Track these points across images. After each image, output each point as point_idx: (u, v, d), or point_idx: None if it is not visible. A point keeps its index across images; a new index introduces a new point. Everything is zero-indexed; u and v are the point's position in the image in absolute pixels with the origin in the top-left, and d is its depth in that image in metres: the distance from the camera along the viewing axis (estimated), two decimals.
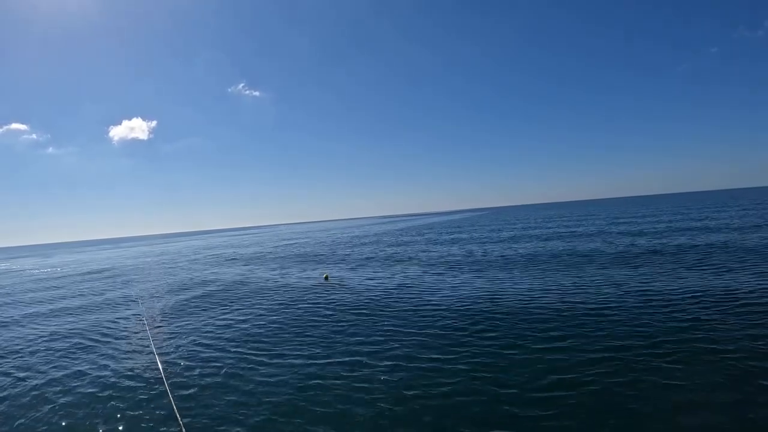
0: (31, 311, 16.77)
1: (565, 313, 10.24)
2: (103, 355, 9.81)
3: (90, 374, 8.53)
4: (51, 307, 17.34)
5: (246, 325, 11.54)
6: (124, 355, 9.61)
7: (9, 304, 19.45)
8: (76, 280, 27.45)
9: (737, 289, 11.21)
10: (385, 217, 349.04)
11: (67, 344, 11.01)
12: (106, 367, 8.89)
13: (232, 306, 14.41)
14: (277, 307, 13.66)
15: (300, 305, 13.60)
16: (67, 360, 9.64)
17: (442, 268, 19.52)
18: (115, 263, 41.20)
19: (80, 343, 11.01)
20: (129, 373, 8.37)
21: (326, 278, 18.67)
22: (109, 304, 16.72)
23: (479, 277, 16.41)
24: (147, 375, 8.16)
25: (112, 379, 8.11)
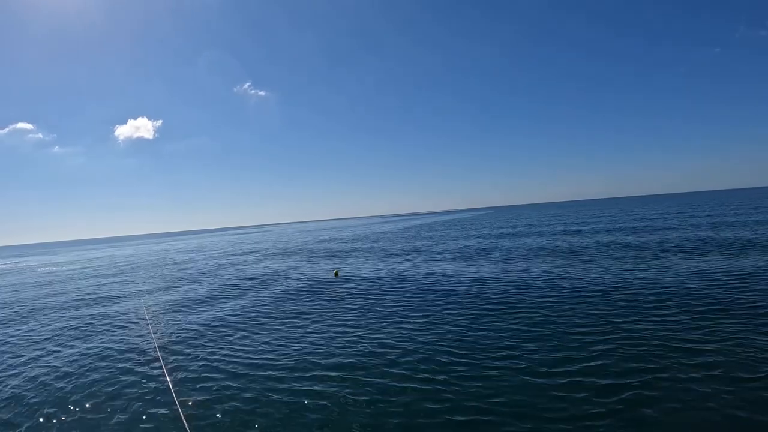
0: (34, 309, 16.77)
1: (572, 316, 10.33)
2: (105, 354, 9.77)
3: (92, 374, 8.48)
4: (54, 305, 17.28)
5: (254, 323, 11.54)
6: (127, 356, 9.51)
7: (13, 302, 19.59)
8: (80, 279, 27.59)
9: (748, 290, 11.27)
10: (389, 216, 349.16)
11: (69, 344, 10.92)
12: (108, 366, 8.83)
13: (240, 304, 14.43)
14: (287, 304, 13.72)
15: (310, 302, 13.68)
16: (68, 360, 9.55)
17: (448, 265, 19.64)
18: (120, 261, 41.46)
19: (82, 342, 10.97)
20: (132, 373, 8.31)
21: (336, 275, 18.83)
22: (111, 304, 16.55)
23: (484, 277, 16.48)
24: (151, 375, 8.11)
25: (115, 379, 8.04)
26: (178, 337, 10.75)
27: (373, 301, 13.19)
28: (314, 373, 7.62)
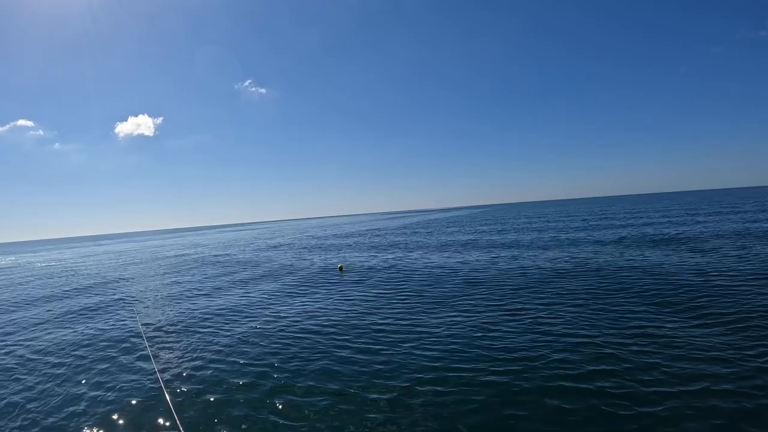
0: (31, 308, 16.82)
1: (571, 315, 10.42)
2: (98, 354, 9.55)
3: (84, 374, 8.33)
4: (51, 304, 17.17)
5: (257, 320, 11.50)
6: (119, 356, 9.28)
7: (11, 300, 19.61)
8: (77, 276, 27.66)
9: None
10: (390, 213, 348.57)
11: (61, 343, 10.76)
12: (101, 368, 8.67)
13: (243, 299, 14.49)
14: (294, 298, 13.82)
15: (316, 297, 13.75)
16: (60, 360, 9.38)
17: (452, 263, 19.78)
18: (120, 259, 41.50)
19: (74, 341, 10.84)
20: (126, 374, 8.13)
21: (341, 269, 18.95)
22: (106, 302, 16.32)
23: (488, 275, 16.60)
24: (143, 374, 8.01)
25: (107, 379, 7.92)
26: (168, 330, 10.84)
27: (375, 296, 13.28)
28: (313, 369, 7.66)
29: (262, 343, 9.19)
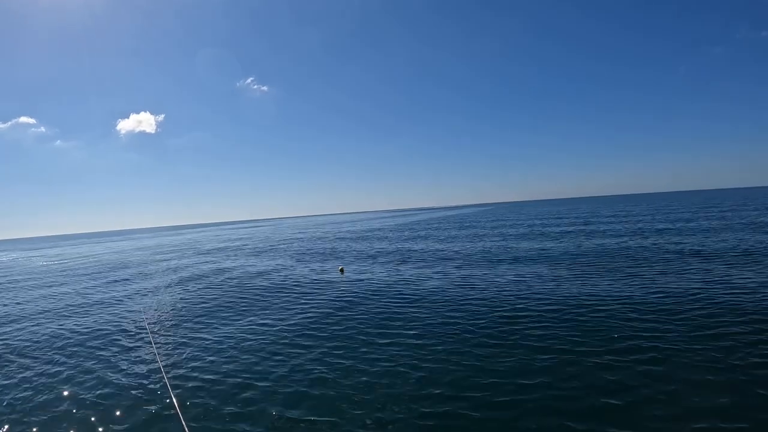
0: (30, 306, 16.15)
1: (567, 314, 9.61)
2: (102, 352, 9.24)
3: (87, 373, 8.03)
4: (49, 302, 16.64)
5: (256, 320, 11.04)
6: (123, 354, 8.99)
7: (10, 297, 19.01)
8: (79, 274, 27.02)
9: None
10: (391, 211, 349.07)
11: (63, 342, 10.37)
12: (106, 365, 8.41)
13: (242, 300, 13.84)
14: (292, 301, 13.07)
15: (315, 300, 13.00)
16: (64, 358, 9.06)
17: (453, 262, 18.86)
18: (119, 256, 40.94)
19: (77, 339, 10.42)
20: (129, 371, 7.91)
21: (342, 271, 18.06)
22: (109, 299, 15.95)
23: (491, 273, 15.69)
24: (147, 373, 7.73)
25: (111, 378, 7.66)
26: (176, 336, 10.00)
27: (377, 298, 12.41)
28: (322, 369, 7.24)
29: (254, 349, 8.38)
